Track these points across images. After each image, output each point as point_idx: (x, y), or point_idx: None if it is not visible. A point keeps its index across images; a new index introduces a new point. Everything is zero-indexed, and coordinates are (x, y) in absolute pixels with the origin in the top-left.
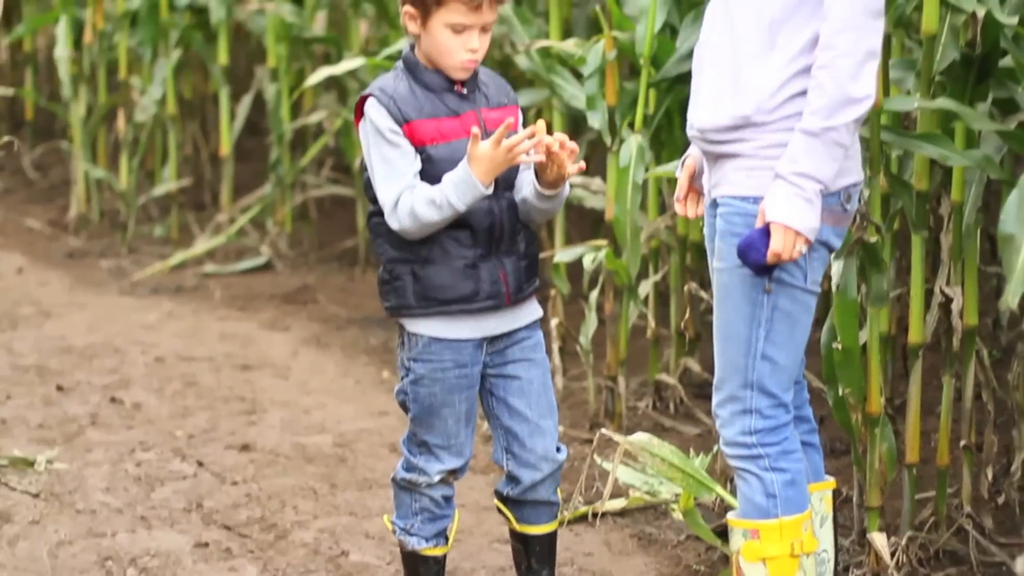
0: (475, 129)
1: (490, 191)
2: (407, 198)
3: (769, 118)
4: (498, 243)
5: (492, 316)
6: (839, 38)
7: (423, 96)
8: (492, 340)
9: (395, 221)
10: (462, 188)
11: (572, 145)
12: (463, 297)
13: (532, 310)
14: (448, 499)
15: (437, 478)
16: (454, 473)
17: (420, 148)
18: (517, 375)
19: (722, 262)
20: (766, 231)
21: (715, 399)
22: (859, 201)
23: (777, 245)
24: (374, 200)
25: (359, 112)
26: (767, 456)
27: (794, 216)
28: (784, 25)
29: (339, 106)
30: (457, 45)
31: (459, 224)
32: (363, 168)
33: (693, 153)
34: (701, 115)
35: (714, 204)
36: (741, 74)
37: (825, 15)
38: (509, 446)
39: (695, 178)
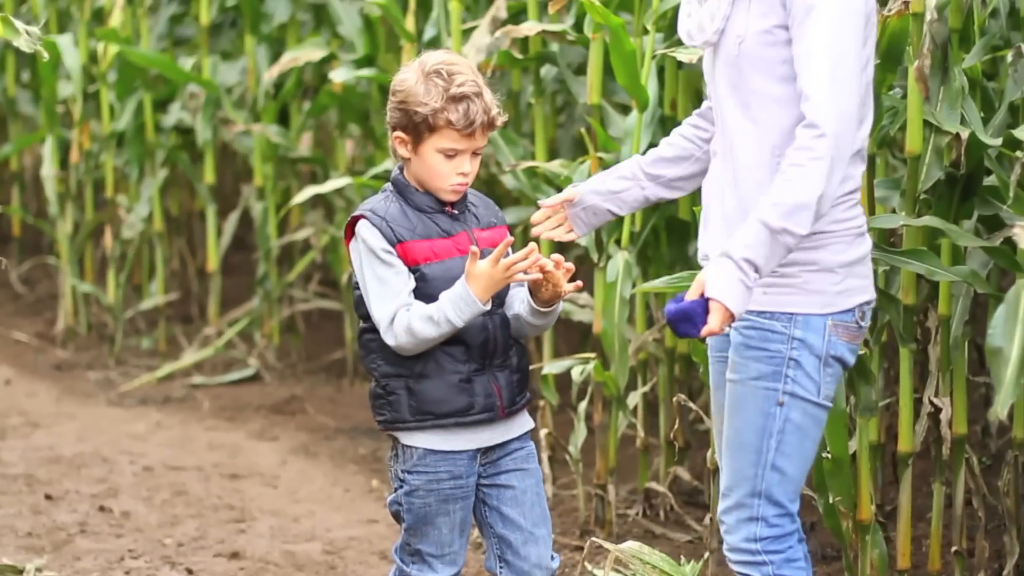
0: (474, 247)
1: (488, 308)
2: (403, 315)
3: None
4: (492, 357)
5: (486, 428)
6: (814, 141)
7: (415, 217)
8: (486, 451)
9: (391, 338)
10: (460, 305)
11: (568, 265)
12: (458, 411)
13: (524, 421)
14: None
15: None
16: None
17: (414, 267)
18: (511, 484)
19: (737, 374)
20: (704, 306)
21: (721, 505)
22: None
23: (715, 323)
24: (365, 317)
25: (349, 232)
26: (771, 563)
27: (735, 299)
28: (782, 150)
29: (326, 223)
30: (449, 169)
31: (453, 339)
32: (353, 285)
33: (579, 189)
34: (713, 242)
35: None
36: (749, 202)
37: (806, 117)
38: (503, 554)
39: (569, 205)
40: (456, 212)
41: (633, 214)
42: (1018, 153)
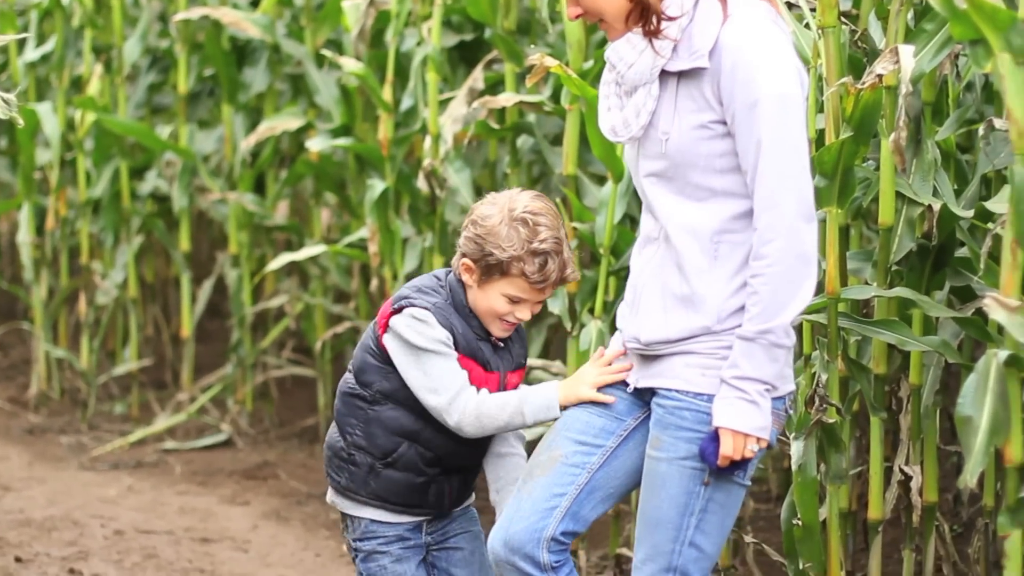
0: (601, 349)
1: (559, 415)
2: (472, 397)
3: (724, 326)
4: (459, 469)
5: (431, 515)
6: (768, 248)
7: (468, 333)
8: (431, 520)
9: (452, 419)
10: (541, 407)
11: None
12: (408, 504)
13: (468, 498)
14: None
15: None
16: None
17: None
18: (459, 546)
19: (663, 452)
20: (715, 436)
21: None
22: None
23: (727, 449)
24: (364, 384)
25: (397, 311)
26: None
27: (739, 419)
28: (722, 236)
29: (300, 290)
30: (507, 311)
31: (432, 449)
32: (367, 349)
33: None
34: (646, 329)
35: (651, 393)
36: (691, 288)
37: (755, 226)
38: None
39: None
40: (502, 345)
41: (606, 283)
42: (990, 225)
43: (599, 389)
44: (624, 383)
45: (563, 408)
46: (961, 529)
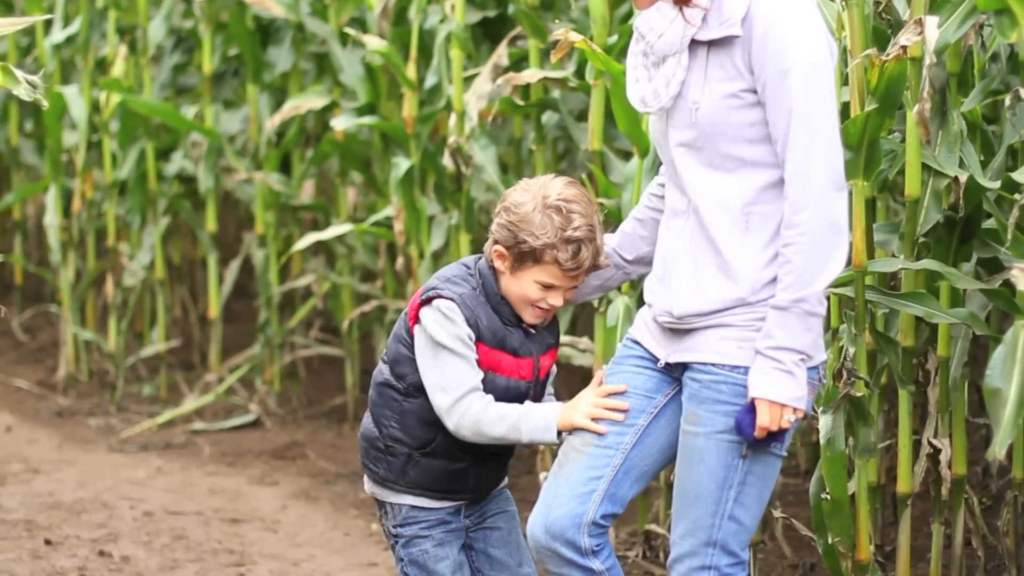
0: (601, 379)
1: (557, 441)
2: (476, 403)
3: (759, 296)
4: (484, 459)
5: (469, 499)
6: (800, 216)
7: (495, 323)
8: (468, 504)
9: (451, 421)
10: (538, 427)
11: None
12: (446, 491)
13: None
14: None
15: None
16: None
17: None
18: (497, 526)
19: (700, 426)
20: (752, 407)
21: (673, 552)
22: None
23: (764, 420)
24: (400, 376)
25: (425, 302)
26: None
27: (775, 390)
28: (754, 207)
29: (327, 270)
30: (539, 298)
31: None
32: (399, 340)
33: None
34: (679, 302)
35: (682, 368)
36: (724, 259)
37: (786, 195)
38: None
39: None
40: (533, 331)
41: None
42: (1016, 196)
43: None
44: (653, 358)
45: (560, 432)
46: (990, 502)
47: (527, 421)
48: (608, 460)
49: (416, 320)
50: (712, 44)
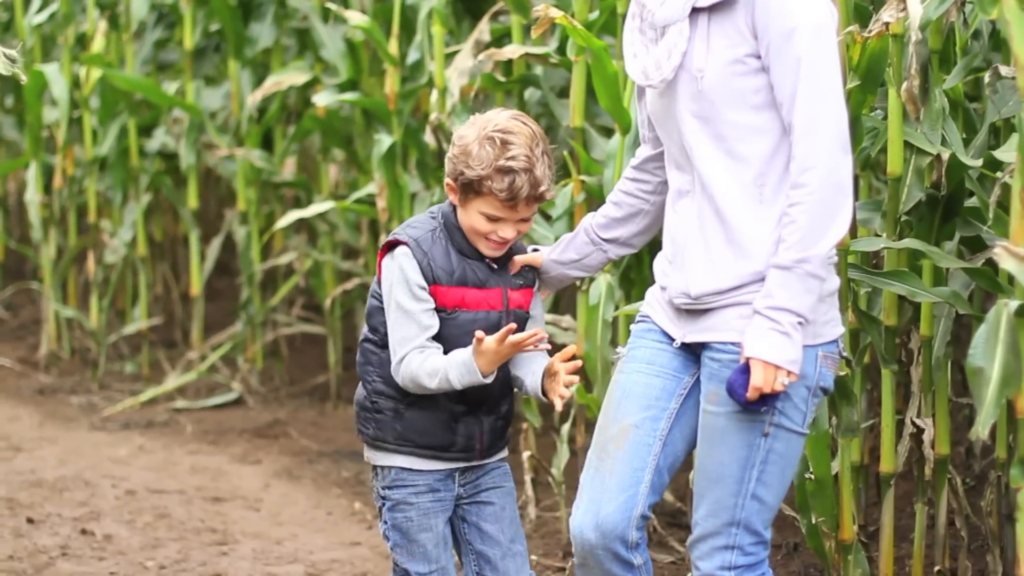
0: (479, 332)
1: (490, 380)
2: (414, 359)
3: None
4: (482, 404)
5: (462, 461)
6: (807, 175)
7: (456, 260)
8: (464, 471)
9: (397, 375)
10: (463, 372)
11: (574, 364)
12: (438, 445)
13: (501, 450)
14: None
15: None
16: None
17: (441, 309)
18: (491, 501)
19: (720, 406)
20: (746, 368)
21: (695, 532)
22: None
23: (757, 380)
24: (374, 329)
25: (386, 248)
26: None
27: (771, 350)
28: (766, 179)
29: (309, 247)
30: (488, 230)
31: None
32: (372, 294)
33: (543, 257)
34: (694, 282)
35: (701, 347)
36: (737, 234)
37: (792, 155)
38: (481, 570)
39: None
40: (496, 266)
41: None
42: (999, 174)
43: None
44: (669, 339)
45: (486, 374)
46: (973, 482)
47: (452, 369)
48: (649, 448)
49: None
50: (713, 10)
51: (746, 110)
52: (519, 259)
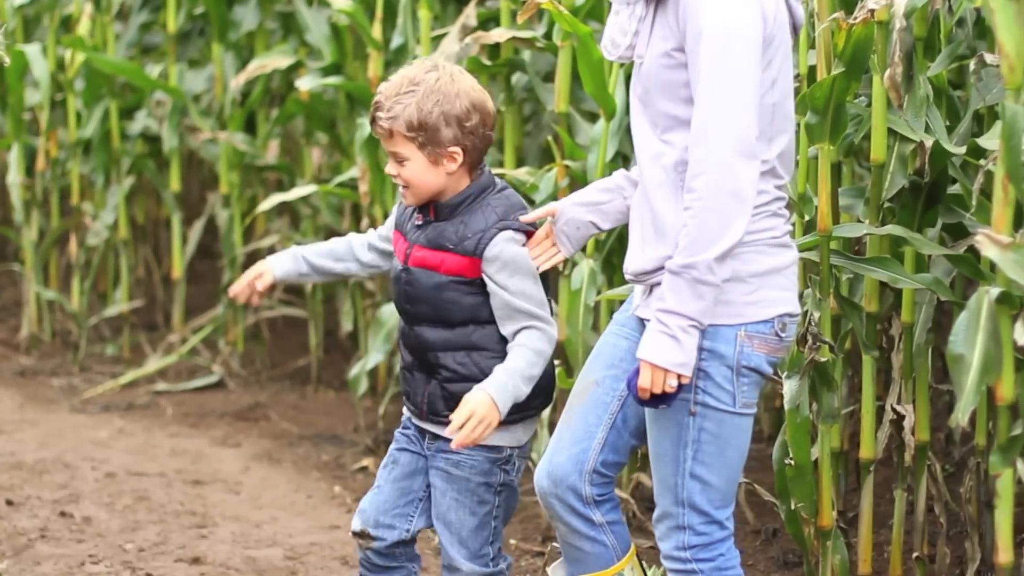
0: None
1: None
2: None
3: None
4: (416, 364)
5: (414, 415)
6: (697, 181)
7: (407, 209)
8: (423, 433)
9: None
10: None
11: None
12: (404, 388)
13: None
14: None
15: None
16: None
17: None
18: (435, 483)
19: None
20: (636, 372)
21: (656, 512)
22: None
23: (644, 381)
24: None
25: None
26: (701, 572)
27: (658, 353)
28: (687, 167)
29: (291, 231)
30: (392, 171)
31: (402, 335)
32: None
33: (561, 203)
34: (630, 261)
35: (642, 324)
36: (659, 218)
37: (688, 157)
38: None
39: (552, 221)
40: (420, 223)
41: None
42: (982, 161)
43: None
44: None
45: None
46: (953, 469)
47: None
48: (606, 407)
49: None
50: (660, 1)
51: (676, 102)
52: (537, 211)
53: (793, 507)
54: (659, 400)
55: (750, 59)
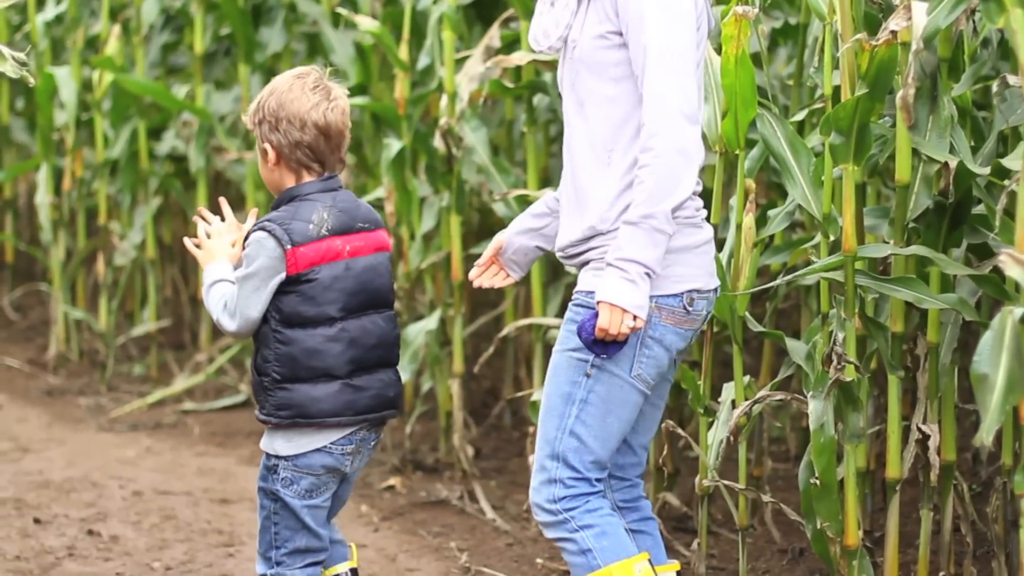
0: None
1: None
2: None
3: (611, 226)
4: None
5: None
6: (653, 140)
7: None
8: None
9: None
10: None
11: None
12: None
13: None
14: None
15: None
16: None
17: None
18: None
19: (559, 345)
20: (593, 316)
21: (534, 465)
22: (708, 308)
23: (603, 321)
24: None
25: None
26: (572, 519)
27: (618, 295)
28: (615, 144)
29: None
30: None
31: None
32: None
33: (505, 235)
34: (560, 238)
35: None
36: (583, 193)
37: (642, 123)
38: None
39: (500, 253)
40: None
41: None
42: (1006, 182)
43: None
44: None
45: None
46: (979, 488)
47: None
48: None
49: None
50: None
51: (605, 81)
52: (486, 252)
53: (819, 526)
54: (608, 346)
55: (690, 37)
